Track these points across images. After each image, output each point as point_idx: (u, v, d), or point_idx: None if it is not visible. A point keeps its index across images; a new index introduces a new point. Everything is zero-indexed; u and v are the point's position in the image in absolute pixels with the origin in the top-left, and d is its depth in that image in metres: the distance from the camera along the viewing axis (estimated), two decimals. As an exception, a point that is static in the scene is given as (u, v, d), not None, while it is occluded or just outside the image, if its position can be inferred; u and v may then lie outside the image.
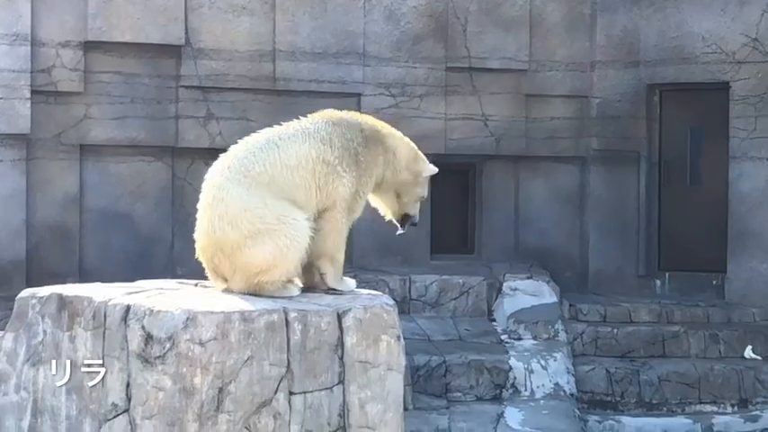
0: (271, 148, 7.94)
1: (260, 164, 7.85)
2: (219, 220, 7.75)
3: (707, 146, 16.07)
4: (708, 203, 15.98)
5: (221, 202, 7.76)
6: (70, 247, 14.51)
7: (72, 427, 7.52)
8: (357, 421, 7.53)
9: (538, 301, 14.51)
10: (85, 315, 7.53)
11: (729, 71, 15.64)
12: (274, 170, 7.85)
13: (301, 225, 7.78)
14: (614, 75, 16.25)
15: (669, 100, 16.37)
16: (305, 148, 8.00)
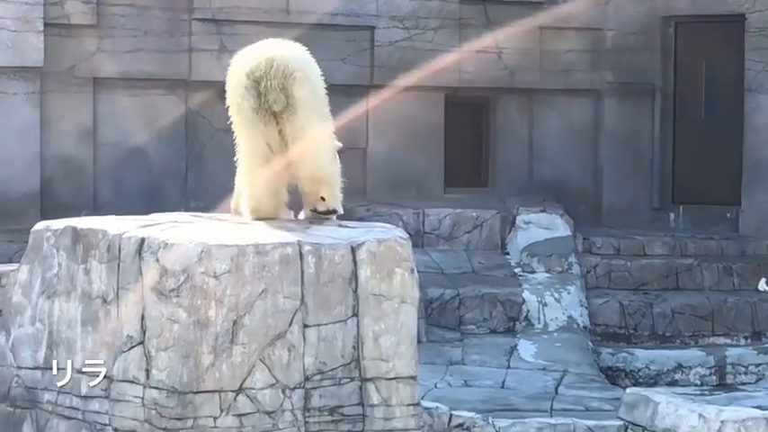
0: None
1: None
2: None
3: (722, 78, 16.01)
4: (722, 136, 15.93)
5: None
6: (84, 180, 14.52)
7: (87, 358, 7.53)
8: (371, 353, 7.55)
9: (551, 235, 14.52)
10: (100, 248, 7.55)
11: (745, 3, 15.56)
12: None
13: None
14: (629, 7, 16.18)
15: (684, 32, 16.30)
16: None
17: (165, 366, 7.22)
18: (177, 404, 7.18)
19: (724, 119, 15.99)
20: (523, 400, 10.75)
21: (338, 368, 7.48)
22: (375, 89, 15.49)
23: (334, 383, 7.47)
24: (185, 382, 7.18)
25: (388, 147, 15.57)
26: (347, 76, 15.29)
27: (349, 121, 15.40)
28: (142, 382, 7.27)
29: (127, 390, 7.33)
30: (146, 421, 7.25)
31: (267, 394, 7.30)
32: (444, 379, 11.25)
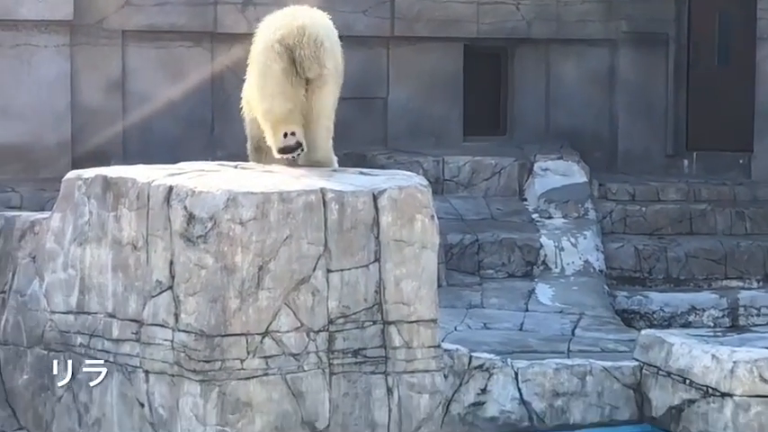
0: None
1: None
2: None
3: (735, 27, 15.97)
4: (735, 84, 15.90)
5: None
6: (113, 130, 14.54)
7: (118, 303, 7.59)
8: (392, 297, 7.58)
9: (568, 181, 14.52)
10: (129, 196, 7.56)
11: (758, -46, 15.52)
12: None
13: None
14: (644, -43, 16.14)
15: (698, -19, 16.27)
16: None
17: (194, 310, 7.25)
18: (205, 347, 7.22)
19: (736, 67, 15.96)
20: (541, 342, 10.80)
21: (361, 312, 7.51)
22: (395, 40, 15.49)
23: (357, 327, 7.50)
24: (213, 326, 7.21)
25: (408, 96, 15.58)
26: (368, 27, 15.29)
27: (370, 72, 15.40)
28: (171, 325, 7.31)
29: (156, 333, 7.37)
30: (175, 363, 7.29)
31: (292, 337, 7.34)
32: (464, 322, 11.29)
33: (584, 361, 9.60)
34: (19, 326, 8.12)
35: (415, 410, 7.64)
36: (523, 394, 9.21)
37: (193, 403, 7.25)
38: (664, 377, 9.28)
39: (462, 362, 9.07)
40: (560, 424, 9.28)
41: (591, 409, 9.36)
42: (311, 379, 7.39)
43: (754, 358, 9.02)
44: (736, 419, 8.84)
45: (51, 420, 7.91)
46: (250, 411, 7.26)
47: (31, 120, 14.20)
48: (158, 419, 7.40)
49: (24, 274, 8.15)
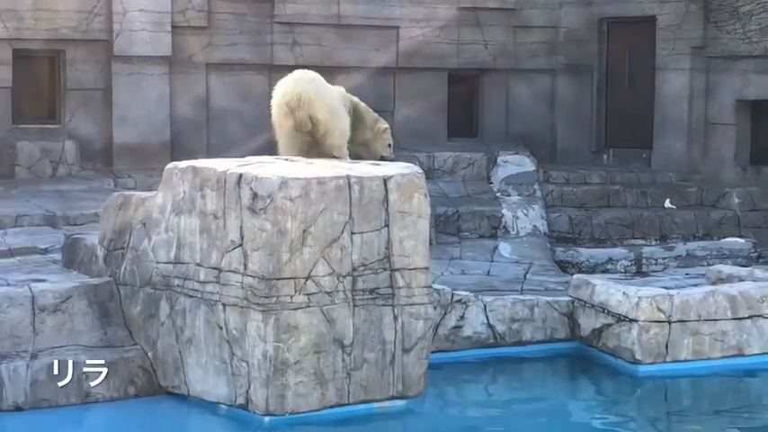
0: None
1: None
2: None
3: (640, 60, 15.86)
4: (640, 100, 15.82)
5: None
6: (200, 133, 14.51)
7: (204, 256, 7.59)
8: (397, 252, 7.58)
9: (521, 170, 14.43)
10: (212, 180, 7.57)
11: (656, 8, 15.39)
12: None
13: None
14: (575, 11, 16.03)
15: (613, 29, 16.16)
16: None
17: (257, 261, 7.26)
18: (265, 287, 7.23)
19: (641, 89, 15.86)
20: (502, 283, 10.76)
21: (375, 262, 7.51)
22: (399, 70, 15.44)
23: (373, 272, 7.50)
24: (270, 272, 7.22)
25: (409, 110, 15.53)
26: (380, 60, 15.24)
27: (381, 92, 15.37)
28: (241, 272, 7.32)
29: (231, 277, 7.38)
30: (244, 298, 7.31)
31: (327, 280, 7.35)
32: (448, 269, 11.26)
33: (533, 297, 9.59)
34: (134, 272, 8.12)
35: (414, 331, 7.65)
36: (490, 320, 9.19)
37: (257, 326, 7.26)
38: (589, 308, 9.26)
39: (446, 297, 9.08)
40: (516, 341, 9.26)
41: (538, 330, 9.34)
42: (340, 309, 7.39)
43: (652, 294, 9.01)
44: (639, 338, 8.83)
45: (157, 339, 7.92)
46: (297, 332, 7.27)
47: (142, 127, 14.17)
48: (232, 338, 7.41)
49: (137, 235, 8.14)
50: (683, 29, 15.18)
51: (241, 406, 7.37)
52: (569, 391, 8.81)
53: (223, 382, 7.48)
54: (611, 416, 8.26)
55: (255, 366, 7.26)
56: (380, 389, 7.56)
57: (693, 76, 15.16)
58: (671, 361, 8.83)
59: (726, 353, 8.98)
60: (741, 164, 14.77)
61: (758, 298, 9.10)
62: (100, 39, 13.96)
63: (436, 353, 8.30)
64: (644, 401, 8.68)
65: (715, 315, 8.96)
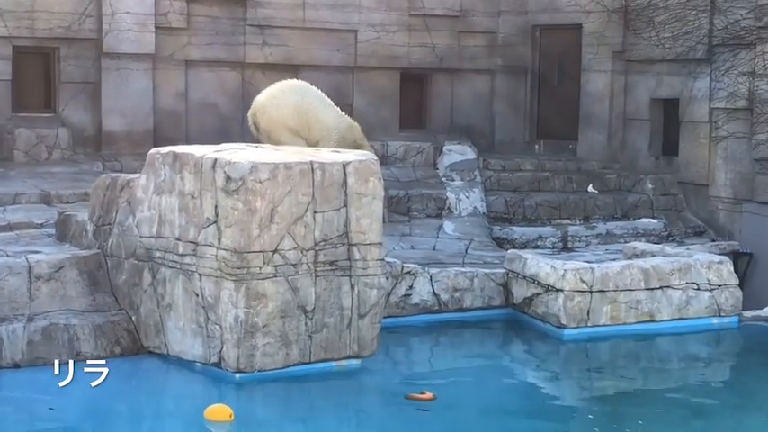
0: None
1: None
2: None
3: (567, 63, 15.87)
4: (567, 98, 15.84)
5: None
6: (180, 123, 14.35)
7: (182, 231, 7.53)
8: (354, 229, 7.56)
9: (464, 158, 14.41)
10: (190, 164, 7.52)
11: (582, 17, 15.41)
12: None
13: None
14: (512, 19, 16.00)
15: (545, 34, 16.15)
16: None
17: (230, 236, 7.22)
18: (237, 259, 7.19)
19: (568, 87, 15.89)
20: (446, 257, 10.76)
21: (335, 238, 7.49)
22: (357, 69, 15.36)
23: (333, 247, 7.48)
24: (242, 246, 7.19)
25: (366, 104, 15.45)
26: (340, 60, 15.15)
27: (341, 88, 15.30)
28: (216, 245, 7.28)
29: (206, 251, 7.34)
30: (218, 269, 7.27)
31: (292, 253, 7.32)
32: (399, 244, 11.25)
33: (473, 269, 9.62)
34: (120, 245, 8.05)
35: (368, 299, 7.65)
36: (435, 289, 9.20)
37: (229, 294, 7.23)
38: (521, 279, 9.30)
39: (397, 269, 9.08)
40: (457, 308, 9.29)
41: (477, 298, 9.37)
42: (303, 279, 7.37)
43: (576, 267, 9.06)
44: (565, 305, 8.88)
45: (140, 304, 7.86)
46: (265, 299, 7.24)
47: (128, 116, 14.00)
48: (207, 304, 7.37)
49: (123, 212, 8.07)
50: (605, 35, 15.23)
51: (215, 364, 7.34)
52: (503, 351, 8.86)
53: (199, 343, 7.44)
54: (539, 372, 8.31)
55: (228, 329, 7.23)
56: (338, 349, 7.55)
57: (614, 77, 15.22)
58: (592, 325, 8.89)
59: (639, 318, 9.06)
60: (654, 154, 14.86)
61: (668, 271, 9.19)
62: (90, 37, 13.80)
63: (388, 318, 8.29)
64: (568, 360, 8.74)
65: (630, 286, 9.03)
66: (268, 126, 8.46)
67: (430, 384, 7.41)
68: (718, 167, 13.73)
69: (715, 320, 9.27)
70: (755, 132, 13.11)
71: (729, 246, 13.03)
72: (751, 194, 13.26)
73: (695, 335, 9.09)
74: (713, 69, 13.77)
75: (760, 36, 13.09)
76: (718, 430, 6.83)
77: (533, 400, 7.52)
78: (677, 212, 14.07)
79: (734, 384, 8.18)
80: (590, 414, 7.13)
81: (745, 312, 9.48)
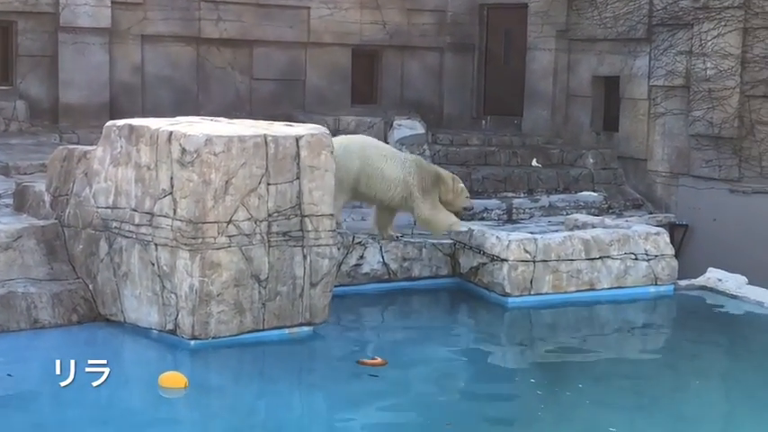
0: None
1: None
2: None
3: (514, 40, 15.95)
4: (513, 75, 15.92)
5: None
6: (136, 96, 14.22)
7: (138, 202, 7.46)
8: (307, 200, 7.54)
9: (413, 132, 14.42)
10: (146, 136, 7.44)
11: (521, -4, 15.55)
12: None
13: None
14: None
15: (492, 13, 16.20)
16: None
17: (185, 207, 7.17)
18: (192, 229, 7.14)
19: (514, 65, 15.97)
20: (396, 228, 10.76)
21: (288, 209, 7.46)
22: (310, 45, 15.26)
23: (286, 218, 7.45)
24: (197, 217, 7.14)
25: (318, 79, 15.39)
26: (293, 36, 15.05)
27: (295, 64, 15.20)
28: (171, 216, 7.22)
29: (162, 221, 7.28)
30: (173, 239, 7.22)
31: (246, 224, 7.28)
32: (350, 216, 11.23)
33: (421, 239, 9.63)
34: (77, 215, 7.94)
35: (320, 268, 7.63)
36: (385, 259, 9.21)
37: (185, 263, 7.18)
38: (468, 249, 9.34)
39: (348, 240, 9.07)
40: (406, 277, 9.30)
41: (425, 268, 9.39)
42: (257, 249, 7.34)
43: (520, 238, 9.11)
44: (509, 274, 8.93)
45: (97, 273, 7.77)
46: (219, 268, 7.20)
47: (85, 89, 13.83)
48: (163, 273, 7.32)
49: (80, 184, 7.96)
50: (550, 15, 15.29)
51: (170, 331, 7.29)
52: (450, 318, 8.89)
53: (155, 311, 7.38)
54: (484, 339, 8.36)
55: (183, 297, 7.18)
56: (291, 317, 7.54)
57: (558, 55, 15.30)
58: (535, 294, 8.96)
59: (580, 287, 9.14)
60: (596, 130, 14.99)
61: (607, 242, 9.27)
62: (48, 11, 13.58)
63: (339, 287, 8.29)
64: (512, 327, 8.81)
65: (572, 256, 9.11)
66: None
67: (380, 350, 7.42)
68: (656, 143, 13.89)
69: (652, 289, 9.39)
70: (692, 109, 13.27)
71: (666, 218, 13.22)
72: (687, 169, 13.45)
73: (633, 303, 9.21)
74: (652, 48, 13.89)
75: (697, 16, 13.22)
76: (654, 392, 6.93)
77: (478, 365, 7.57)
78: (617, 186, 14.22)
79: (669, 349, 8.30)
80: (532, 378, 7.19)
81: (681, 281, 9.61)
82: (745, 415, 6.57)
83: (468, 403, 6.68)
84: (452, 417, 6.34)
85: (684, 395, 6.89)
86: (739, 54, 12.73)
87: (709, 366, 7.63)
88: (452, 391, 6.97)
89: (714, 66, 12.91)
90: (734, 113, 12.77)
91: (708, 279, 9.63)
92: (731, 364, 7.88)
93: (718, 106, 12.89)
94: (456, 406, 6.62)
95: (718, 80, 12.88)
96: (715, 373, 7.51)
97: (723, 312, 9.08)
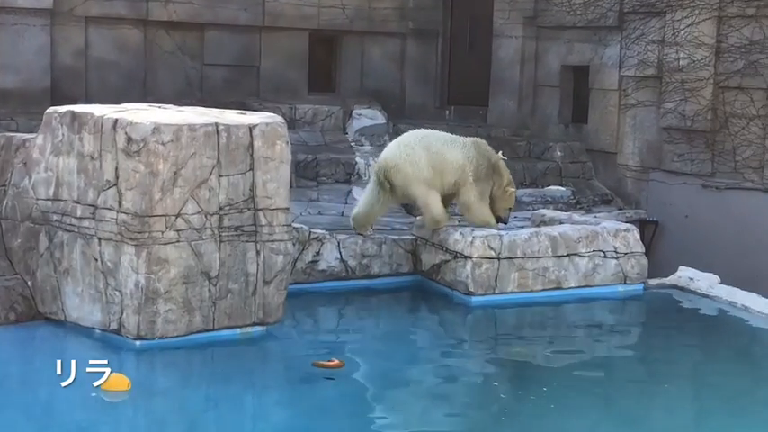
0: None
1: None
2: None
3: (480, 27, 15.98)
4: (479, 63, 15.95)
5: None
6: (79, 81, 14.07)
7: (81, 194, 7.41)
8: (261, 193, 7.52)
9: (374, 122, 14.42)
10: (89, 124, 7.38)
11: (493, -18, 15.58)
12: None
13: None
14: (424, -18, 16.11)
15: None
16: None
17: (131, 200, 7.13)
18: (138, 223, 7.10)
19: (479, 53, 16.00)
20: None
21: (240, 202, 7.44)
22: (265, 29, 15.20)
23: (238, 212, 7.43)
24: (143, 210, 7.10)
25: (273, 65, 15.33)
26: (248, 19, 14.98)
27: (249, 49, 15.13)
28: (116, 209, 7.18)
29: (106, 214, 7.23)
30: (118, 234, 7.17)
31: (195, 218, 7.25)
32: (306, 210, 11.22)
33: (381, 235, 9.64)
34: (15, 208, 7.86)
35: (274, 265, 7.62)
36: (342, 256, 9.21)
37: (130, 259, 7.14)
38: (430, 246, 9.36)
39: (305, 235, 9.06)
40: (365, 274, 9.31)
41: (384, 265, 9.41)
42: (207, 245, 7.31)
43: (484, 234, 9.14)
44: (472, 272, 8.96)
45: (36, 269, 7.71)
46: (167, 264, 7.17)
47: (26, 73, 13.66)
48: (107, 269, 7.27)
49: (18, 173, 7.88)
50: (517, 0, 15.34)
51: (114, 331, 7.25)
52: (411, 318, 8.92)
53: (98, 309, 7.34)
54: (446, 340, 8.40)
55: (128, 295, 7.14)
56: (243, 316, 7.52)
57: (525, 43, 15.36)
58: (499, 293, 9.00)
59: (546, 286, 9.20)
60: (564, 122, 15.07)
61: (575, 239, 9.34)
62: (-16, -10, 13.40)
63: (294, 284, 8.28)
64: (475, 327, 8.85)
65: (538, 253, 9.16)
66: (404, 183, 9.06)
67: (337, 352, 7.43)
68: (627, 135, 14.00)
69: (621, 288, 9.47)
70: (663, 101, 13.39)
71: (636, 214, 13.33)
72: (658, 163, 13.57)
73: (601, 302, 9.29)
74: (623, 37, 14.00)
75: (670, 4, 13.33)
76: (622, 396, 7.00)
77: (439, 367, 7.60)
78: (585, 180, 14.31)
79: (638, 351, 8.38)
80: (495, 382, 7.23)
81: (651, 280, 9.71)
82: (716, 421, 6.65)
83: (427, 408, 6.70)
84: (411, 422, 6.36)
85: (653, 400, 6.96)
86: (714, 44, 12.86)
87: (679, 370, 7.71)
88: (411, 395, 6.98)
89: (687, 56, 13.04)
90: (707, 105, 12.91)
91: (679, 278, 9.74)
92: (702, 368, 7.97)
93: (691, 98, 13.03)
94: (414, 410, 6.64)
95: (691, 71, 13.02)
96: (685, 377, 7.60)
97: (694, 313, 9.19)
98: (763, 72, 12.39)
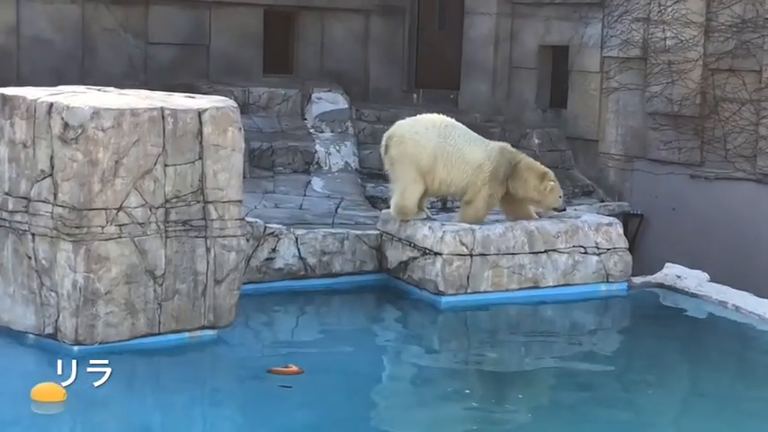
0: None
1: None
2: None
3: (450, 4, 16.01)
4: (449, 43, 15.98)
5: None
6: (11, 62, 13.97)
7: (13, 185, 7.37)
8: (211, 185, 7.51)
9: (335, 107, 14.41)
10: (21, 109, 7.35)
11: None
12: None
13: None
14: (390, -46, 16.11)
15: (426, -28, 16.32)
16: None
17: (68, 191, 7.09)
18: (76, 217, 7.07)
19: (450, 32, 16.03)
20: (314, 217, 10.76)
21: (188, 194, 7.42)
22: (215, 4, 15.16)
23: (186, 204, 7.42)
24: (82, 202, 7.07)
25: (225, 44, 15.27)
26: (197, -6, 14.95)
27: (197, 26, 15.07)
28: (51, 201, 7.14)
29: (40, 207, 7.19)
30: (54, 229, 7.13)
31: (139, 211, 7.23)
32: (261, 203, 11.19)
33: (344, 230, 9.64)
34: (-61, 200, 7.77)
35: (226, 263, 7.60)
36: (301, 252, 9.21)
37: (67, 257, 7.11)
38: (396, 241, 9.37)
39: (259, 230, 9.04)
40: (326, 273, 9.31)
41: (347, 263, 9.41)
42: (152, 241, 7.29)
43: (456, 229, 9.17)
44: (443, 270, 8.98)
45: (-37, 268, 7.63)
46: (108, 262, 7.15)
47: (-50, 52, 13.58)
48: (41, 268, 7.23)
49: (-57, 163, 7.78)
50: (491, -25, 15.38)
51: (50, 335, 7.21)
52: (375, 320, 8.93)
53: (31, 312, 7.29)
54: (414, 343, 8.42)
55: (65, 296, 7.11)
56: (192, 319, 7.51)
57: (499, 21, 15.39)
58: (472, 292, 9.04)
59: (523, 285, 9.24)
60: (541, 106, 15.13)
61: (553, 233, 9.38)
62: None
63: (248, 284, 8.26)
64: (445, 330, 8.87)
65: (513, 249, 9.20)
66: (398, 157, 9.12)
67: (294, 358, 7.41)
68: (609, 122, 14.07)
69: (603, 287, 9.53)
70: (649, 84, 13.47)
71: (619, 206, 13.42)
72: (643, 151, 13.66)
73: (582, 302, 9.34)
74: (606, 14, 14.07)
75: (655, -20, 13.41)
76: (604, 404, 7.04)
77: (406, 374, 7.62)
78: (565, 170, 14.37)
79: (621, 356, 8.44)
80: (467, 389, 7.26)
81: (635, 278, 9.77)
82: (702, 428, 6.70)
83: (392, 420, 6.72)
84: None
85: (637, 406, 7.02)
86: (703, 22, 12.95)
87: (664, 375, 7.77)
88: (375, 404, 6.99)
89: (674, 35, 13.12)
90: (696, 89, 13.00)
91: (665, 276, 9.81)
92: (689, 373, 8.04)
93: (679, 81, 13.12)
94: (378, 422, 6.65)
95: (678, 51, 13.11)
96: (671, 383, 7.65)
97: (682, 314, 9.26)
98: (755, 53, 12.49)
